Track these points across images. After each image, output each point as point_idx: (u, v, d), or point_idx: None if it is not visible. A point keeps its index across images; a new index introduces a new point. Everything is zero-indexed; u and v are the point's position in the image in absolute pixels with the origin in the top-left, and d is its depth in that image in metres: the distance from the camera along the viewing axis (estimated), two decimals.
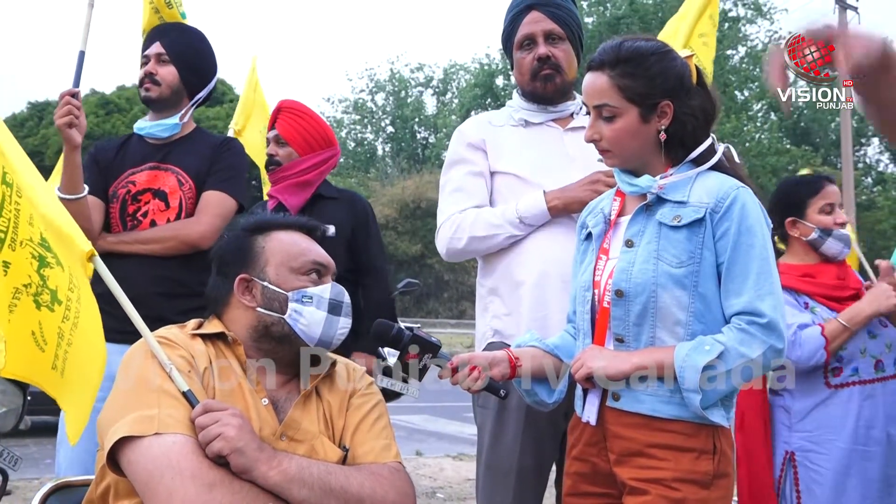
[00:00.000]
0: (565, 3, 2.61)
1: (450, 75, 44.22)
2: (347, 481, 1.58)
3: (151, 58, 2.89)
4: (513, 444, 2.42)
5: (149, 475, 1.45)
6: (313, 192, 3.15)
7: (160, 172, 2.84)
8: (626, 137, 1.84)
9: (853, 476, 2.58)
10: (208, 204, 2.82)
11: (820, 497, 2.62)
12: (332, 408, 1.75)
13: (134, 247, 2.73)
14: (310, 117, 3.19)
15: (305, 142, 3.14)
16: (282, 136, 3.15)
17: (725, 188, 1.78)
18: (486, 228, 2.48)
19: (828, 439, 2.63)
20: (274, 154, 3.15)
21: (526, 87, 2.62)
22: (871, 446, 2.59)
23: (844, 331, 2.61)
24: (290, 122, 3.15)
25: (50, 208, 1.72)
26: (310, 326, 1.71)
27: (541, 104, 2.62)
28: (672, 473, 1.72)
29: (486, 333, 2.56)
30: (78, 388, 1.70)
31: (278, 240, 1.79)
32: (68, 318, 1.68)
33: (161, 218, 2.80)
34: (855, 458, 2.59)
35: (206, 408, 1.52)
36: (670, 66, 1.84)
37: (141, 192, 2.82)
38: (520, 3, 2.61)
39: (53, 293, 1.65)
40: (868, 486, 2.56)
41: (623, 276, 1.81)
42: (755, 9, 34.48)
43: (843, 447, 2.60)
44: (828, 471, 2.61)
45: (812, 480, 2.63)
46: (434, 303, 31.05)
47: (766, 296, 1.72)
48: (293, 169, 3.13)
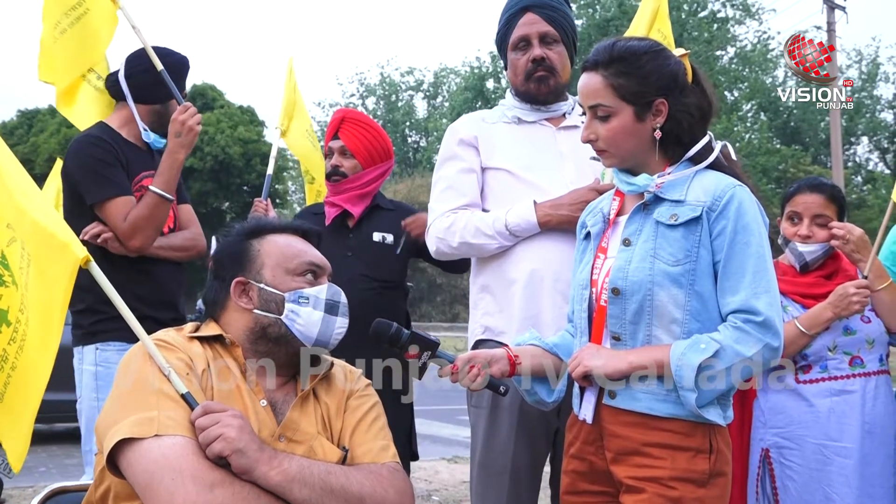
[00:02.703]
0: (560, 6, 2.63)
1: (440, 79, 44.36)
2: (347, 481, 1.59)
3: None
4: (506, 443, 2.43)
5: (149, 477, 1.45)
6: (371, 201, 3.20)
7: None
8: (621, 136, 1.84)
9: (827, 472, 2.58)
10: (194, 218, 3.11)
11: (793, 492, 2.63)
12: (329, 409, 1.76)
13: (169, 252, 2.92)
14: (375, 130, 3.25)
15: (370, 154, 3.18)
16: (348, 149, 3.18)
17: (722, 186, 1.79)
18: (476, 236, 2.49)
19: (799, 435, 2.63)
20: (339, 165, 3.18)
21: (520, 88, 2.63)
22: (846, 442, 2.58)
23: (802, 336, 2.60)
24: (357, 135, 3.19)
25: (42, 215, 1.71)
26: (307, 327, 1.72)
27: (534, 104, 2.63)
28: (669, 472, 1.73)
29: (476, 330, 2.57)
30: (18, 415, 1.68)
31: (274, 242, 1.80)
32: (14, 341, 1.66)
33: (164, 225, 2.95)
34: (828, 453, 2.58)
35: (206, 409, 1.53)
36: (663, 64, 1.84)
37: None
38: (515, 4, 2.63)
39: (3, 313, 1.64)
40: (844, 482, 2.55)
41: (620, 274, 1.82)
42: (744, 9, 34.67)
43: (815, 443, 2.60)
44: (800, 466, 2.62)
45: (786, 476, 2.65)
46: (427, 306, 31.05)
47: (762, 294, 1.73)
48: (358, 181, 3.16)
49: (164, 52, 2.99)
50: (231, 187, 29.24)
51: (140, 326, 1.64)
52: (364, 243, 3.10)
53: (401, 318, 3.01)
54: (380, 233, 3.12)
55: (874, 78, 36.70)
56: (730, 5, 34.48)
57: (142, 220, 2.74)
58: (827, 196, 2.71)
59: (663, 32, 3.25)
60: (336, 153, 3.19)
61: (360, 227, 3.14)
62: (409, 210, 3.33)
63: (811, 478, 2.60)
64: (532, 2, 2.59)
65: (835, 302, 2.57)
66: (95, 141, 2.86)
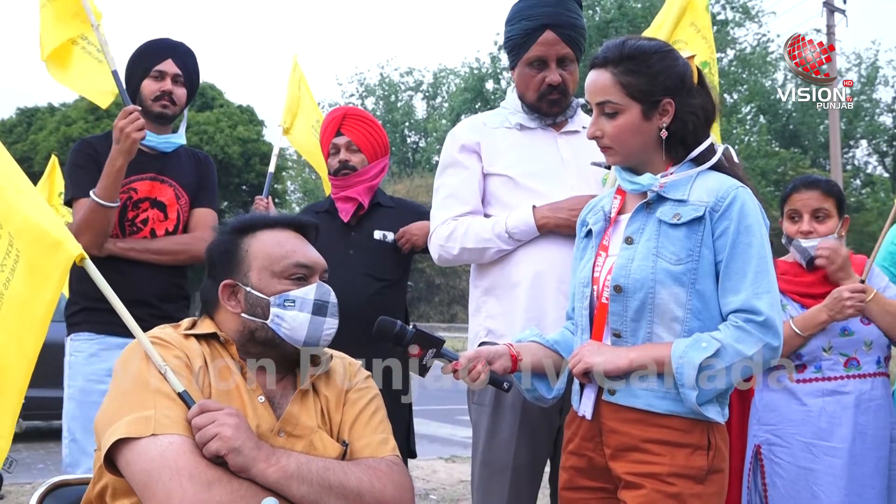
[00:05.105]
0: (578, 23, 2.58)
1: (440, 79, 44.33)
2: (346, 476, 1.58)
3: (168, 76, 3.03)
4: (508, 441, 2.44)
5: (147, 476, 1.45)
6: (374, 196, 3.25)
7: (158, 184, 3.02)
8: (627, 134, 1.85)
9: (815, 471, 2.58)
10: (206, 221, 3.07)
11: (782, 490, 2.64)
12: (329, 402, 1.75)
13: (144, 255, 2.93)
14: (376, 125, 3.30)
15: (374, 149, 3.24)
16: (355, 144, 3.21)
17: (725, 187, 1.80)
18: (476, 241, 2.49)
19: (789, 433, 2.64)
20: (348, 160, 3.21)
21: (530, 103, 2.60)
22: (836, 442, 2.58)
23: (795, 337, 2.60)
24: (361, 131, 3.23)
25: (37, 212, 1.71)
26: (294, 330, 1.70)
27: (541, 115, 2.61)
28: (667, 468, 1.74)
29: (479, 333, 2.56)
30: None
31: (262, 242, 1.76)
32: None
33: (160, 228, 3.00)
34: (816, 452, 2.59)
35: (202, 408, 1.52)
36: (672, 64, 1.85)
37: (141, 200, 2.98)
38: (534, 18, 2.54)
39: None
40: (831, 481, 2.55)
41: (622, 272, 1.82)
42: (743, 12, 34.67)
43: (804, 442, 2.61)
44: (788, 464, 2.63)
45: (775, 474, 2.66)
46: (425, 307, 31.03)
47: (763, 294, 1.74)
48: (367, 174, 3.21)
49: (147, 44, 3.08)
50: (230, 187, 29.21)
51: (135, 323, 1.65)
52: (365, 242, 3.12)
53: (401, 317, 3.02)
54: (380, 231, 3.14)
55: (873, 81, 36.70)
56: (729, 8, 34.50)
57: (82, 223, 2.80)
58: (823, 190, 2.73)
59: (697, 26, 3.07)
60: (343, 149, 3.21)
61: (361, 225, 3.16)
62: (410, 206, 3.36)
63: (798, 476, 2.60)
64: (553, 21, 2.52)
65: (830, 305, 2.57)
66: (80, 145, 3.01)
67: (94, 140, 3.05)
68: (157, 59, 3.02)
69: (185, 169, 3.10)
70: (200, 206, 3.10)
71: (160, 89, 2.99)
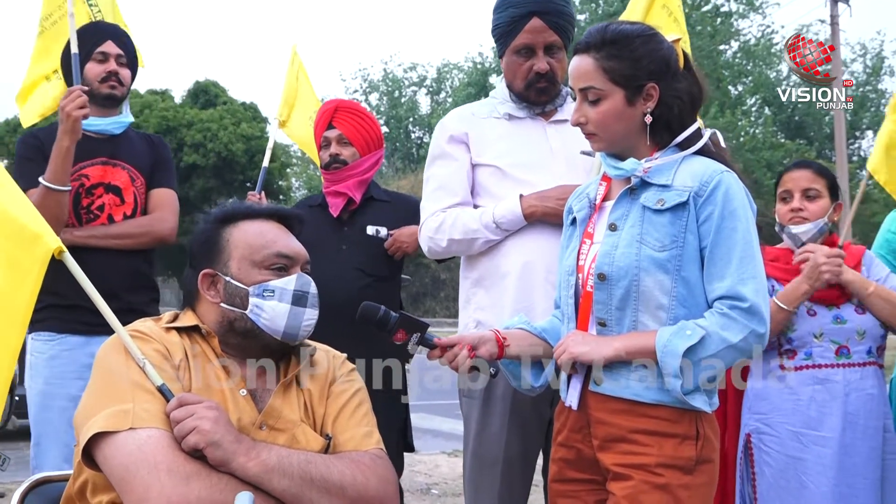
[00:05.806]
0: (566, 10, 2.56)
1: (443, 74, 44.25)
2: (328, 470, 1.57)
3: (111, 57, 2.98)
4: (499, 434, 2.43)
5: (124, 470, 1.44)
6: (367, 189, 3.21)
7: (110, 168, 2.96)
8: (611, 120, 1.82)
9: (803, 460, 2.56)
10: (165, 201, 3.03)
11: (769, 478, 2.62)
12: (312, 395, 1.73)
13: (105, 241, 2.87)
14: (369, 118, 3.26)
15: (366, 142, 3.19)
16: (346, 137, 3.17)
17: (710, 172, 1.77)
18: (464, 232, 2.48)
19: (778, 421, 2.62)
20: (339, 154, 3.17)
21: (517, 91, 2.58)
22: (825, 431, 2.56)
23: (780, 311, 2.57)
24: (352, 123, 3.19)
25: (15, 206, 1.70)
26: (273, 320, 1.68)
27: (529, 104, 2.60)
28: (655, 459, 1.72)
29: (468, 325, 2.55)
30: None
31: (243, 231, 1.74)
32: None
33: (117, 213, 2.94)
34: (805, 441, 2.57)
35: (180, 401, 1.51)
36: (656, 48, 1.82)
37: (94, 186, 2.93)
38: (522, 5, 2.52)
39: None
40: (820, 470, 2.53)
41: (606, 259, 1.80)
42: (747, 3, 34.49)
43: (793, 430, 2.59)
44: (777, 452, 2.61)
45: (764, 462, 2.64)
46: (431, 301, 31.05)
47: (748, 280, 1.71)
48: (358, 168, 3.16)
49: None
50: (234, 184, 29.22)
51: (114, 317, 1.63)
52: (358, 237, 3.09)
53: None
54: (373, 226, 3.11)
55: (878, 72, 36.51)
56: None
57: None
58: (814, 171, 2.73)
59: (669, 8, 3.09)
60: (334, 142, 3.18)
61: (354, 219, 3.13)
62: (404, 200, 3.32)
63: (787, 464, 2.59)
64: (540, 8, 2.50)
65: (807, 273, 2.57)
66: (25, 137, 2.98)
67: (40, 132, 2.98)
68: (97, 40, 2.97)
69: (137, 151, 3.04)
70: (158, 186, 3.04)
71: (105, 70, 2.94)
